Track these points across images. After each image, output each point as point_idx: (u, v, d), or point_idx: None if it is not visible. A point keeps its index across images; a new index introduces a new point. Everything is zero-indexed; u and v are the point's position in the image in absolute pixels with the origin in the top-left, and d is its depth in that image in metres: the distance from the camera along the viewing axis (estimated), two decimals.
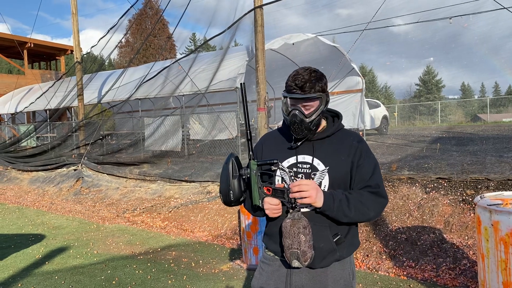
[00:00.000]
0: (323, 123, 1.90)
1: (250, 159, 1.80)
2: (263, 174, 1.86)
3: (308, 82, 1.73)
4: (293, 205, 1.72)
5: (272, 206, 1.75)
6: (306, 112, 1.75)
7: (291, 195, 1.70)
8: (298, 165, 1.83)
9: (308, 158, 1.82)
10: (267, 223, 1.98)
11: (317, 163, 1.81)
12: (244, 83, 1.83)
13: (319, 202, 1.71)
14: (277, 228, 1.85)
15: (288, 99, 1.78)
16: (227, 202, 1.83)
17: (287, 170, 1.85)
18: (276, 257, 1.91)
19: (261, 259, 2.02)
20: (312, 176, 1.80)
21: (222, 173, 1.84)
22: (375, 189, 1.80)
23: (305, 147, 1.85)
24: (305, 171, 1.79)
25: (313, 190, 1.69)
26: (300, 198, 1.69)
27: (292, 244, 1.68)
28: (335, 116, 1.92)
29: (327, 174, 1.80)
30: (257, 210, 1.89)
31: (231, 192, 1.79)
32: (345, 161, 1.82)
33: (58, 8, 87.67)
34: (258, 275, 1.98)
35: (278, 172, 1.86)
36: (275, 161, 1.79)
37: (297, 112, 1.74)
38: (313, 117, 1.76)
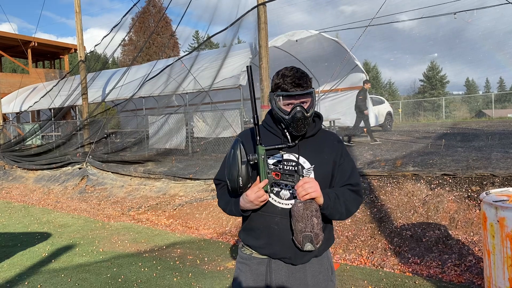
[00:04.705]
0: None
1: (257, 144, 1.77)
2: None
3: (302, 79, 1.78)
4: None
5: (259, 193, 1.74)
6: (305, 107, 1.79)
7: (298, 197, 1.70)
8: (284, 162, 1.84)
9: (293, 156, 1.85)
10: (244, 218, 1.95)
11: (303, 161, 1.85)
12: (250, 66, 1.82)
13: (321, 199, 1.74)
14: (258, 223, 1.87)
15: (282, 98, 1.79)
16: (235, 189, 1.76)
17: (286, 164, 1.84)
18: (253, 255, 1.91)
19: (237, 259, 2.00)
20: None
21: (228, 158, 1.77)
22: (356, 188, 1.89)
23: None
24: (291, 168, 1.81)
25: (317, 186, 1.73)
26: (305, 195, 1.70)
27: (305, 227, 1.69)
28: (316, 116, 1.95)
29: (312, 172, 1.84)
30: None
31: (240, 178, 1.72)
32: (328, 159, 1.88)
33: (63, 7, 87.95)
34: (236, 276, 1.97)
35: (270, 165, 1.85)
36: (283, 145, 1.79)
37: (299, 108, 1.76)
38: (310, 112, 1.80)
